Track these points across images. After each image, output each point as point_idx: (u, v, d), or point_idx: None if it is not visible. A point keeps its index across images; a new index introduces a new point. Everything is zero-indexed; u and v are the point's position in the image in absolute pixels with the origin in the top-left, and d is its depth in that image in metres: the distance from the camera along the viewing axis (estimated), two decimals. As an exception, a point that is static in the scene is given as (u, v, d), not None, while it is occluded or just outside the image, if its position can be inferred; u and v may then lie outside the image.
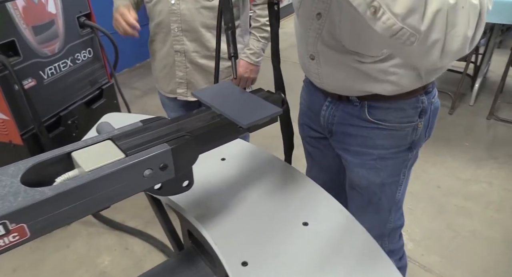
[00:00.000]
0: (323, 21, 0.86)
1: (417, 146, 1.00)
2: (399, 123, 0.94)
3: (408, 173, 1.06)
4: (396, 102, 0.92)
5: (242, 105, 0.68)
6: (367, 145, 0.99)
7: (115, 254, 1.88)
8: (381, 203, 1.07)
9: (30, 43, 1.67)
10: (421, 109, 0.93)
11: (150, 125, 0.64)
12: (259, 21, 1.54)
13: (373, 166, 1.00)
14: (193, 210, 0.77)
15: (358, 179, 1.05)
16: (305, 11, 0.90)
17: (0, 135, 1.70)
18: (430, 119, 0.98)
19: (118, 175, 0.54)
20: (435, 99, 0.97)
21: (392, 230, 1.14)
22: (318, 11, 0.86)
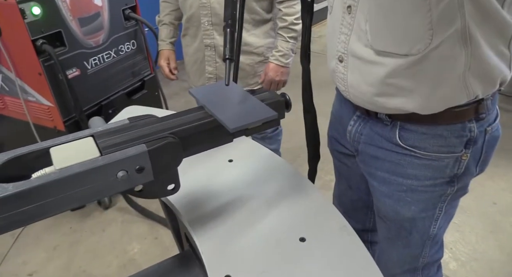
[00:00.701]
0: (353, 15, 0.74)
1: (462, 181, 0.83)
2: (436, 153, 0.79)
3: (450, 208, 0.89)
4: (435, 128, 0.77)
5: (236, 107, 0.62)
6: (397, 173, 0.84)
7: (145, 243, 1.93)
8: (412, 238, 0.92)
9: (76, 34, 1.74)
10: (468, 138, 0.77)
11: (136, 124, 0.61)
12: (286, 20, 1.46)
13: (402, 198, 0.86)
14: (188, 214, 0.73)
15: (385, 209, 0.91)
16: (338, 3, 0.79)
17: (46, 121, 1.80)
18: (484, 151, 0.80)
19: (89, 175, 0.52)
20: (492, 127, 0.79)
21: (426, 265, 0.98)
22: (349, 4, 0.74)
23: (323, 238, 0.62)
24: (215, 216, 0.71)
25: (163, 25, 1.65)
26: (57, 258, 1.84)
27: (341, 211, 0.72)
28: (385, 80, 0.73)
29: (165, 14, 1.63)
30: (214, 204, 0.74)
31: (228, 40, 0.64)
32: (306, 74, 0.91)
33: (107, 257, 1.84)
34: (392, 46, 0.70)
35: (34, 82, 1.69)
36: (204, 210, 0.73)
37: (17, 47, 1.61)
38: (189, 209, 0.74)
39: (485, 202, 2.05)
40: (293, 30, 1.46)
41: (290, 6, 1.43)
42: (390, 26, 0.69)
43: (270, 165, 0.85)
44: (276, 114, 0.60)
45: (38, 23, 1.56)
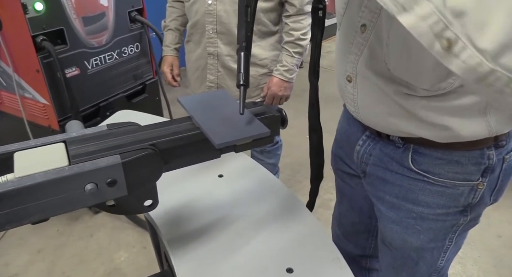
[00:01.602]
0: (367, 35, 0.69)
1: (475, 211, 0.78)
2: (451, 180, 0.73)
3: (459, 239, 0.83)
4: (451, 153, 0.71)
5: (226, 120, 0.57)
6: (407, 199, 0.79)
7: (132, 251, 1.86)
8: (418, 269, 0.86)
9: (79, 33, 1.70)
10: (487, 166, 0.72)
11: (114, 131, 0.55)
12: (292, 35, 1.41)
13: (411, 226, 0.80)
14: (168, 232, 0.67)
15: (391, 236, 0.85)
16: (349, 20, 0.74)
17: (41, 119, 1.76)
18: (500, 180, 0.75)
19: (52, 186, 0.46)
20: (510, 155, 0.73)
21: None
22: (363, 22, 0.69)
23: (313, 271, 0.56)
24: (197, 237, 0.65)
25: (168, 30, 1.62)
26: (40, 262, 1.78)
27: (340, 233, 0.66)
28: (400, 104, 0.68)
29: (171, 19, 1.59)
30: (198, 223, 0.68)
31: (242, 65, 0.58)
32: (314, 91, 0.86)
33: (92, 264, 1.78)
34: (413, 78, 0.65)
35: (31, 78, 1.65)
36: (186, 229, 0.67)
37: (16, 42, 1.57)
38: (170, 227, 0.68)
39: (489, 235, 1.97)
40: (299, 45, 1.43)
41: (298, 21, 1.39)
42: (414, 61, 0.64)
43: (263, 184, 0.79)
44: (268, 131, 0.55)
45: (39, 19, 1.53)
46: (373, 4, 0.67)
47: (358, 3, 0.71)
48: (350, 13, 0.74)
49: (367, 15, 0.69)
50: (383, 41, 0.67)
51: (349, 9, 0.74)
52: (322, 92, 0.92)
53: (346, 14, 0.76)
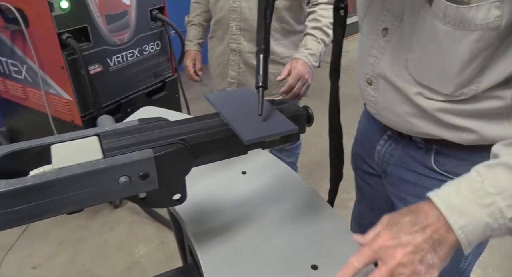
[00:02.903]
0: (389, 39, 0.69)
1: None
2: None
3: (481, 243, 0.83)
4: (476, 154, 0.69)
5: (254, 117, 0.57)
6: None
7: (151, 246, 1.89)
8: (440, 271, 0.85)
9: (102, 31, 1.74)
10: None
11: (145, 126, 0.56)
12: (320, 21, 1.31)
13: None
14: (193, 226, 0.68)
15: None
16: (369, 23, 0.74)
17: (65, 114, 1.80)
18: None
19: (88, 178, 0.48)
20: None
21: None
22: (385, 26, 0.69)
23: (338, 268, 0.56)
24: (222, 232, 0.66)
25: (192, 25, 1.63)
26: (62, 254, 1.82)
27: (359, 233, 0.66)
28: (422, 107, 0.68)
29: (195, 15, 1.61)
30: (222, 218, 0.69)
31: (261, 67, 0.58)
32: (334, 91, 0.86)
33: (112, 257, 1.81)
34: (435, 83, 0.65)
35: (56, 75, 1.70)
36: (211, 224, 0.68)
37: (42, 39, 1.62)
38: (195, 221, 0.69)
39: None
40: (326, 33, 1.31)
41: (327, 9, 1.32)
42: (437, 68, 0.63)
43: (286, 181, 0.80)
44: (296, 128, 0.55)
45: (65, 17, 1.57)
46: (396, 8, 0.67)
47: (379, 7, 0.71)
48: (371, 17, 0.74)
49: (389, 19, 0.69)
50: (404, 45, 0.67)
51: (370, 12, 0.74)
52: (340, 92, 0.92)
53: (367, 17, 0.76)
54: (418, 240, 0.51)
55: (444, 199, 0.53)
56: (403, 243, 0.51)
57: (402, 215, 0.55)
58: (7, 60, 1.82)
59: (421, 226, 0.52)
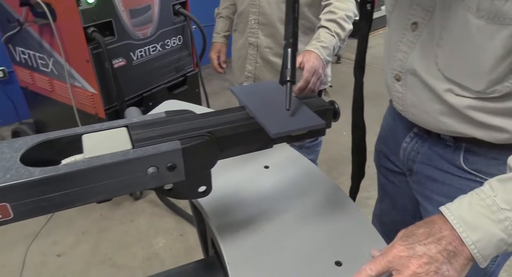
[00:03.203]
0: (419, 34, 0.68)
1: None
2: None
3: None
4: (509, 153, 0.66)
5: (281, 111, 0.57)
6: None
7: (170, 238, 1.92)
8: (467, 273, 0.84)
9: (126, 25, 1.76)
10: None
11: (172, 118, 0.57)
12: (335, 13, 1.23)
13: None
14: (216, 219, 0.68)
15: None
16: (398, 17, 0.73)
17: (89, 107, 1.84)
18: None
19: (118, 167, 0.48)
20: None
21: None
22: (414, 20, 0.68)
23: (362, 264, 0.55)
24: (245, 225, 0.66)
25: (220, 18, 1.64)
26: (85, 243, 1.87)
27: (380, 232, 0.66)
28: (451, 104, 0.66)
29: (224, 7, 1.62)
30: (245, 212, 0.69)
31: (289, 61, 0.58)
32: (358, 86, 0.85)
33: (132, 248, 1.85)
34: (465, 80, 0.63)
35: (81, 68, 1.73)
36: (234, 217, 0.68)
37: (69, 33, 1.65)
38: (218, 214, 0.69)
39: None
40: (341, 26, 1.24)
41: (343, 1, 1.26)
42: (468, 64, 0.62)
43: (309, 177, 0.79)
44: (324, 123, 0.55)
45: (91, 11, 1.60)
46: (426, 2, 0.65)
47: (409, 0, 0.69)
48: (400, 10, 0.72)
49: (419, 13, 0.67)
50: (434, 40, 0.65)
51: (399, 6, 0.72)
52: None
53: (395, 11, 0.74)
54: (433, 251, 0.51)
55: (456, 214, 0.53)
56: (417, 253, 0.51)
57: (417, 227, 0.55)
58: (35, 53, 1.87)
59: (435, 238, 0.52)
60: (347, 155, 0.85)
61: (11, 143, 0.50)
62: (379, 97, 2.26)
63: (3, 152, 0.49)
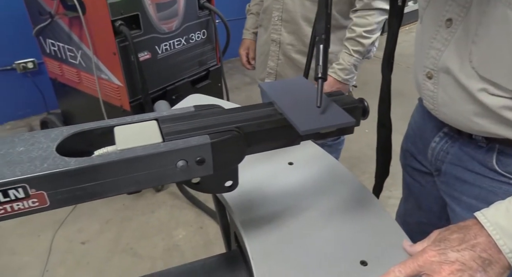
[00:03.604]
0: (453, 30, 0.66)
1: None
2: None
3: None
4: None
5: (309, 107, 0.57)
6: (487, 201, 0.71)
7: (190, 230, 1.95)
8: None
9: (152, 19, 1.79)
10: None
11: (201, 113, 0.57)
12: (354, 31, 1.30)
13: None
14: (241, 214, 0.69)
15: None
16: (432, 14, 0.70)
17: (114, 99, 1.88)
18: None
19: (149, 160, 0.49)
20: None
21: None
22: (449, 17, 0.66)
23: (388, 265, 0.55)
24: (269, 221, 0.67)
25: (250, 14, 1.65)
26: (108, 231, 1.92)
27: (404, 232, 0.65)
28: (486, 104, 0.64)
29: (255, 3, 1.62)
30: (269, 208, 0.70)
31: (321, 57, 0.56)
32: (386, 84, 0.83)
33: (153, 239, 1.89)
34: (501, 79, 0.61)
35: (108, 61, 1.77)
36: (258, 213, 0.69)
37: (97, 26, 1.69)
38: (242, 208, 0.70)
39: None
40: (360, 43, 1.31)
41: (363, 16, 1.30)
42: (505, 62, 0.59)
43: (333, 174, 0.79)
44: (354, 121, 0.54)
45: (118, 5, 1.62)
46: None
47: None
48: (434, 6, 0.70)
49: (454, 9, 0.65)
50: (469, 37, 0.63)
51: (433, 2, 0.70)
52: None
53: (429, 7, 0.72)
54: (466, 258, 0.49)
55: (492, 221, 0.51)
56: (450, 259, 0.49)
57: (451, 232, 0.53)
58: (64, 46, 1.92)
59: (469, 244, 0.50)
60: (368, 153, 0.85)
61: (47, 133, 0.52)
62: (404, 95, 2.22)
63: (40, 141, 0.50)
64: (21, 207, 0.46)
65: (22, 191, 0.45)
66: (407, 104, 0.91)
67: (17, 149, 0.49)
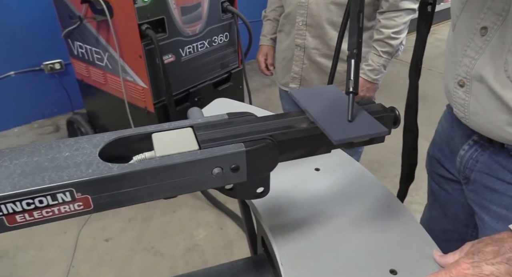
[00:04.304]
0: (488, 39, 0.65)
1: None
2: None
3: None
4: None
5: (341, 117, 0.57)
6: None
7: (210, 231, 1.98)
8: None
9: (177, 22, 1.82)
10: None
11: (234, 120, 0.59)
12: (382, 32, 1.34)
13: None
14: (269, 219, 0.70)
15: None
16: (466, 21, 0.70)
17: (139, 101, 1.92)
18: None
19: (187, 167, 0.51)
20: None
21: None
22: (484, 25, 0.65)
23: (418, 275, 0.55)
24: (297, 227, 0.68)
25: (267, 20, 1.66)
26: (130, 230, 1.97)
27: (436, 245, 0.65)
28: None
29: (271, 9, 1.63)
30: (297, 214, 0.71)
31: (352, 72, 0.57)
32: (413, 89, 0.83)
33: (174, 238, 1.92)
34: None
35: (134, 63, 1.81)
36: (286, 218, 0.70)
37: (124, 30, 1.73)
38: (270, 214, 0.71)
39: None
40: (388, 44, 1.35)
41: (391, 18, 1.32)
42: None
43: (360, 180, 0.79)
44: (387, 130, 0.55)
45: (145, 9, 1.66)
46: (499, 6, 0.63)
47: (479, 3, 0.66)
48: (468, 14, 0.70)
49: (490, 17, 0.64)
50: (505, 46, 0.62)
51: (467, 9, 0.70)
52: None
53: (463, 15, 0.72)
54: (501, 271, 0.49)
55: None
56: (484, 272, 0.49)
57: (485, 245, 0.52)
58: (92, 48, 1.97)
59: (505, 258, 0.50)
60: (388, 156, 0.85)
61: (90, 139, 0.55)
62: (425, 98, 2.19)
63: (83, 147, 0.53)
64: (67, 210, 0.49)
65: (69, 194, 0.47)
66: (429, 108, 0.91)
67: (63, 154, 0.51)
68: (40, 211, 0.47)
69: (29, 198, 0.45)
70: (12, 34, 2.50)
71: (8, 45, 2.51)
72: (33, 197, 0.46)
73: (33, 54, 2.62)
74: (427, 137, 1.01)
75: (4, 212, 0.45)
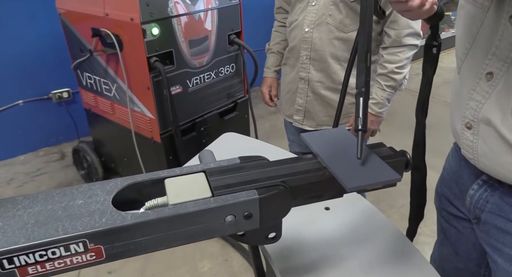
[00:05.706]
0: (494, 84, 0.66)
1: None
2: None
3: None
4: None
5: (353, 162, 0.58)
6: None
7: (215, 263, 1.94)
8: None
9: (184, 55, 1.86)
10: None
11: (246, 165, 0.59)
12: (386, 67, 1.36)
13: None
14: (279, 263, 0.69)
15: None
16: (471, 66, 0.71)
17: (145, 131, 1.94)
18: None
19: (200, 215, 0.51)
20: None
21: None
22: (490, 70, 0.67)
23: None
24: (308, 271, 0.67)
25: (271, 53, 1.69)
26: (133, 262, 1.93)
27: None
28: None
29: (275, 43, 1.67)
30: (309, 256, 0.70)
31: (361, 110, 0.58)
32: (420, 128, 0.84)
33: (178, 270, 1.89)
34: None
35: (142, 94, 1.83)
36: (297, 262, 0.69)
37: (133, 62, 1.77)
38: (281, 257, 0.70)
39: None
40: (392, 78, 1.37)
41: (394, 53, 1.35)
42: None
43: (370, 220, 0.78)
44: (400, 178, 0.54)
45: (154, 42, 1.70)
46: (504, 53, 0.64)
47: (483, 50, 0.68)
48: (473, 59, 0.71)
49: (495, 64, 0.66)
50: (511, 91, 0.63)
51: (472, 55, 0.71)
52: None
53: (467, 60, 0.73)
54: None
55: None
56: None
57: None
58: (100, 79, 2.01)
59: None
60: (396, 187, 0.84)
61: (103, 185, 0.55)
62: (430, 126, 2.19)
63: (97, 194, 0.53)
64: (79, 261, 0.48)
65: (82, 245, 0.47)
66: (435, 136, 0.91)
67: (76, 201, 0.51)
68: (52, 262, 0.46)
69: (42, 250, 0.45)
70: (22, 64, 2.55)
71: (18, 74, 2.56)
72: (46, 249, 0.45)
73: (42, 83, 2.66)
74: (433, 167, 1.00)
75: (16, 264, 0.45)
